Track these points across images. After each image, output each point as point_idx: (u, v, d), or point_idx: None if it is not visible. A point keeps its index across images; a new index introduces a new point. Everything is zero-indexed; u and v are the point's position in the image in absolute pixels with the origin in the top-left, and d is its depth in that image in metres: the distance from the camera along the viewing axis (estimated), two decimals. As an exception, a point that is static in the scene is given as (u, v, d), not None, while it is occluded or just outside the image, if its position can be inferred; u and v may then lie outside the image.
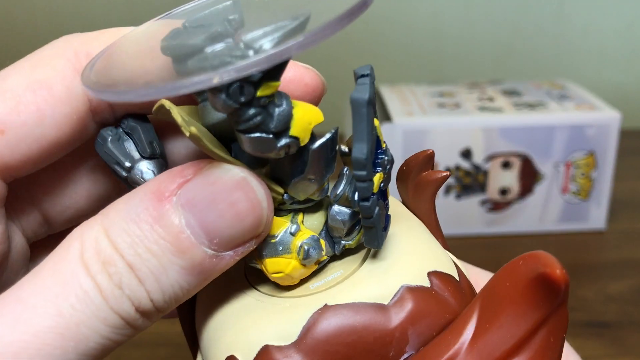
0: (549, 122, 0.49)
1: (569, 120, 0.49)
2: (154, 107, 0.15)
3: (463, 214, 0.51)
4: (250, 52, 0.13)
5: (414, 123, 0.49)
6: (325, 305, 0.15)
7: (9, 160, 0.16)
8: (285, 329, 0.15)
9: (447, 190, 0.50)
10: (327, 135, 0.15)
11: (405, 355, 0.15)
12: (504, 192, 0.51)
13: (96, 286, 0.14)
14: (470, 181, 0.50)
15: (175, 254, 0.14)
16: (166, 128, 0.19)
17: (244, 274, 0.18)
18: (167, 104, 0.15)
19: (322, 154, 0.15)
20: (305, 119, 0.15)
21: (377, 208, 0.15)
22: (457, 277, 0.17)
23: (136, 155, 0.17)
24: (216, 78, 0.12)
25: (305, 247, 0.16)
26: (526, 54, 0.76)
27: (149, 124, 0.17)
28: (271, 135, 0.14)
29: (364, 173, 0.14)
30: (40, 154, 0.17)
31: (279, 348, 0.15)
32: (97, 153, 0.17)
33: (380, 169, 0.15)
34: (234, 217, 0.14)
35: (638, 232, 0.53)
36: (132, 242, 0.14)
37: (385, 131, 0.48)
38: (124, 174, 0.17)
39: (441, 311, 0.16)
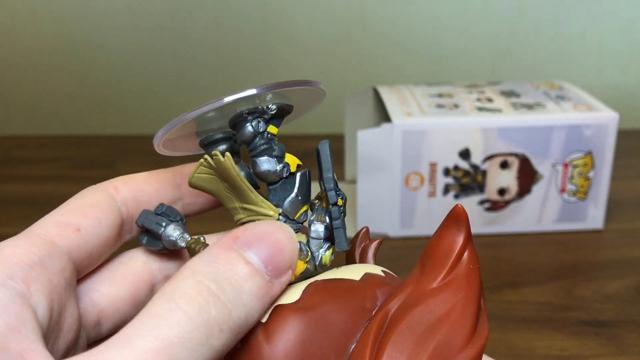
0: (547, 123, 0.50)
1: (567, 120, 0.50)
2: (193, 170, 0.23)
3: (462, 214, 0.51)
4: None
5: (413, 123, 0.49)
6: (316, 280, 0.21)
7: (83, 252, 0.23)
8: (290, 296, 0.21)
9: (446, 189, 0.51)
10: (305, 170, 0.23)
11: (377, 308, 0.21)
12: (502, 192, 0.51)
13: (185, 315, 0.18)
14: (469, 181, 0.51)
15: (246, 279, 0.19)
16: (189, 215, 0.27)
17: None
18: (205, 158, 0.22)
19: (303, 179, 0.23)
20: (292, 158, 0.23)
21: (343, 215, 0.22)
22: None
23: (167, 221, 0.24)
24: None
25: (298, 242, 0.22)
26: (524, 56, 0.76)
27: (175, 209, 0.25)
28: (274, 159, 0.22)
29: (332, 185, 0.22)
30: (99, 248, 0.23)
31: (287, 305, 0.20)
32: (139, 220, 0.24)
33: (340, 196, 0.22)
34: (279, 249, 0.20)
35: (635, 232, 0.53)
36: (214, 277, 0.19)
37: (384, 132, 0.48)
38: (161, 230, 0.24)
39: (396, 283, 0.22)
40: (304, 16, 0.75)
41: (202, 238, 0.23)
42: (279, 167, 0.22)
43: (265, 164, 0.22)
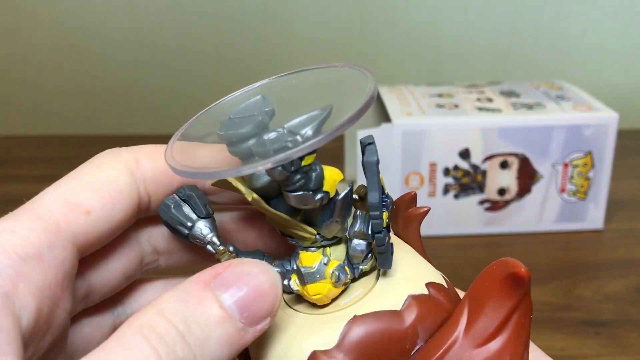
0: (546, 123, 0.50)
1: (567, 120, 0.50)
2: (215, 179, 0.21)
3: (461, 214, 0.51)
4: (299, 138, 0.19)
5: (413, 123, 0.49)
6: (355, 315, 0.20)
7: (90, 237, 0.21)
8: (327, 337, 0.20)
9: (446, 190, 0.51)
10: (347, 189, 0.21)
11: (417, 347, 0.20)
12: (502, 192, 0.51)
13: (155, 352, 0.17)
14: (469, 181, 0.51)
15: (216, 325, 0.18)
16: (210, 191, 0.24)
17: (285, 302, 0.23)
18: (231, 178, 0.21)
19: (344, 202, 0.21)
20: (332, 177, 0.20)
21: (388, 238, 0.20)
22: (445, 285, 0.22)
23: (194, 216, 0.22)
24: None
25: (337, 273, 0.21)
26: (524, 56, 0.76)
27: (200, 191, 0.22)
28: (311, 192, 0.20)
29: (377, 213, 0.20)
30: (109, 232, 0.21)
31: (324, 352, 0.19)
32: (162, 218, 0.22)
33: (385, 208, 0.20)
34: (259, 295, 0.19)
35: (635, 232, 0.53)
36: (183, 317, 0.18)
37: (384, 132, 0.48)
38: (186, 232, 0.22)
39: (439, 311, 0.21)
40: (304, 16, 0.75)
41: (230, 248, 0.22)
42: (316, 198, 0.20)
43: (301, 199, 0.20)
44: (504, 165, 0.51)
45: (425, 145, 0.49)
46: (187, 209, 0.22)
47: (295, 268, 0.22)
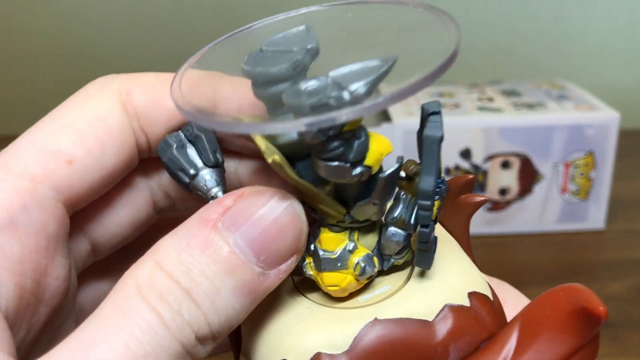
0: (548, 122, 0.49)
1: (568, 120, 0.49)
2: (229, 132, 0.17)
3: (462, 214, 0.51)
4: (345, 94, 0.14)
5: (414, 123, 0.49)
6: (375, 319, 0.16)
7: (78, 190, 0.17)
8: (336, 338, 0.16)
9: (447, 190, 0.51)
10: (395, 166, 0.16)
11: None
12: (503, 192, 0.51)
13: (157, 316, 0.14)
14: (470, 181, 0.50)
15: (227, 274, 0.15)
16: (224, 139, 0.19)
17: (293, 283, 0.19)
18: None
19: (388, 182, 0.16)
20: (378, 150, 0.16)
21: (434, 234, 0.16)
22: (491, 297, 0.18)
23: (199, 163, 0.18)
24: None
25: (362, 265, 0.17)
26: (525, 55, 0.76)
27: (212, 134, 0.18)
28: (348, 165, 0.15)
29: (428, 203, 0.16)
30: (101, 182, 0.18)
31: (331, 356, 0.16)
32: (161, 158, 0.18)
33: (438, 197, 0.16)
34: (277, 232, 0.15)
35: (637, 232, 0.53)
36: (186, 269, 0.14)
37: (385, 131, 0.48)
38: (187, 180, 0.18)
39: (479, 329, 0.17)
40: (304, 16, 0.75)
41: None
42: (354, 172, 0.16)
43: (335, 171, 0.15)
44: (505, 165, 0.50)
45: (426, 145, 0.49)
46: (192, 152, 0.18)
47: (312, 249, 0.18)
